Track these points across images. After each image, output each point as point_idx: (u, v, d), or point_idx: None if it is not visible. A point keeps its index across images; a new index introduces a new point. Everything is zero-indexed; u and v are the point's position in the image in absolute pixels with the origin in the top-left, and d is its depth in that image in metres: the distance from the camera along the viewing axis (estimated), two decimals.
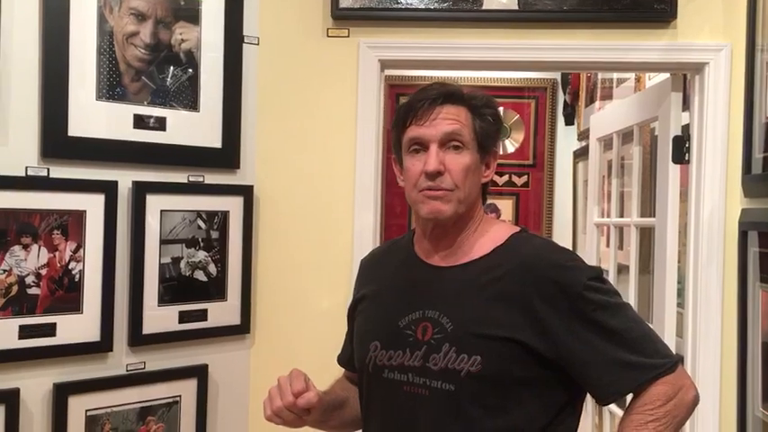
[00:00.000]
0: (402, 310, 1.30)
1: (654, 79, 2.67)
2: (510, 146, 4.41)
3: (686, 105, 2.26)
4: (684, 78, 2.27)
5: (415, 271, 1.35)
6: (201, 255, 2.06)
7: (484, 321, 1.22)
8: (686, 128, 2.24)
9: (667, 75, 2.31)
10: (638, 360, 1.20)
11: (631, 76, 3.03)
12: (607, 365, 1.20)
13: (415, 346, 1.26)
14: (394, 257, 1.44)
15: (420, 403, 1.24)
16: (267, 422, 2.14)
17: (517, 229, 1.35)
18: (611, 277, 2.70)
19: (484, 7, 2.16)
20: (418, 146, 1.28)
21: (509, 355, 1.20)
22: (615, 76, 3.29)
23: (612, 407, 2.65)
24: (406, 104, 1.31)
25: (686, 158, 2.21)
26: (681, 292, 2.27)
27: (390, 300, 1.36)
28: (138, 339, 1.93)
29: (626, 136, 2.69)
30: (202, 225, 2.06)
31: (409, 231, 1.47)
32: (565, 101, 4.23)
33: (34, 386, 1.78)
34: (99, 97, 1.87)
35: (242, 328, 2.13)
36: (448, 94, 1.28)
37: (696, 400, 1.24)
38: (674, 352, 2.17)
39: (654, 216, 2.42)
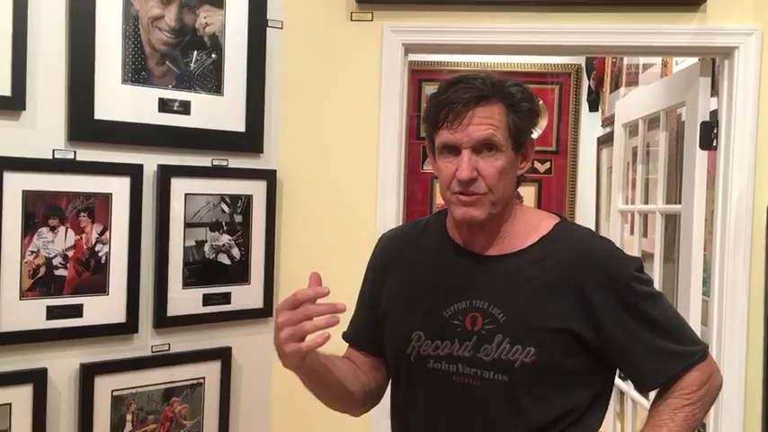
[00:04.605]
0: (446, 300, 1.27)
1: (681, 64, 2.63)
2: (533, 132, 4.37)
3: (714, 90, 2.22)
4: (713, 63, 2.23)
5: (457, 259, 1.31)
6: (225, 238, 2.07)
7: (537, 313, 1.23)
8: (714, 113, 2.20)
9: (695, 59, 2.28)
10: (677, 348, 1.25)
11: (657, 61, 2.99)
12: (650, 354, 1.24)
13: (464, 336, 1.25)
14: (424, 241, 1.38)
15: (470, 393, 1.24)
16: (289, 405, 2.17)
17: (556, 217, 1.34)
18: None
19: None
20: (451, 149, 1.23)
21: (561, 346, 1.22)
22: (641, 61, 3.25)
23: (635, 395, 2.63)
24: (438, 103, 1.22)
25: (714, 145, 2.18)
26: (706, 281, 2.25)
27: (430, 287, 1.31)
28: (162, 321, 1.95)
29: (652, 122, 2.65)
30: (226, 209, 2.07)
31: (435, 214, 1.42)
32: (589, 87, 4.18)
33: (61, 366, 1.81)
34: (124, 81, 1.88)
35: (265, 312, 2.15)
36: (481, 96, 1.20)
37: (721, 385, 1.30)
38: None
39: (680, 203, 2.39)
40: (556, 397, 1.23)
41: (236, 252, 2.09)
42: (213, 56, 2.03)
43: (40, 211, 1.76)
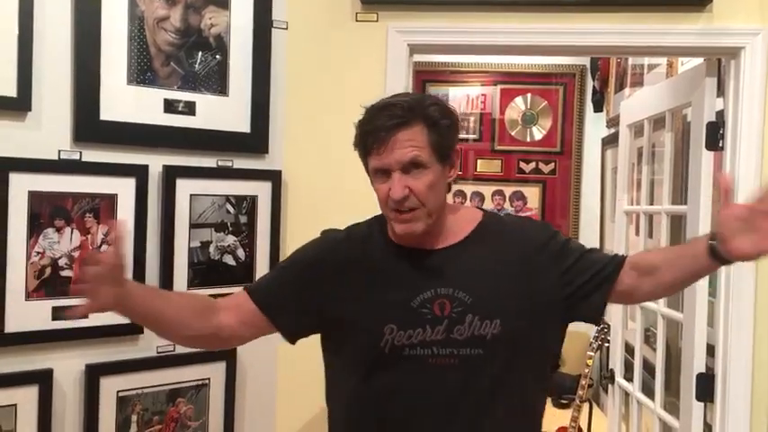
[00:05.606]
0: (410, 292, 1.38)
1: (686, 65, 2.62)
2: (537, 133, 4.37)
3: (720, 91, 2.22)
4: (719, 63, 2.22)
5: (410, 255, 1.42)
6: (230, 239, 2.07)
7: (497, 286, 1.39)
8: (720, 114, 2.19)
9: (701, 59, 2.27)
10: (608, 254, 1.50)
11: (663, 61, 2.98)
12: (595, 272, 1.42)
13: (435, 322, 1.36)
14: (372, 244, 1.47)
15: (449, 371, 1.35)
16: (294, 406, 2.17)
17: (478, 210, 1.52)
18: None
19: None
20: (383, 172, 1.35)
21: (524, 312, 1.37)
22: (646, 61, 3.24)
23: (641, 396, 2.63)
24: (364, 131, 1.37)
25: (720, 145, 2.17)
26: (712, 282, 2.24)
27: (391, 283, 1.41)
28: None
29: (657, 122, 2.64)
30: (231, 209, 2.07)
31: (372, 220, 1.51)
32: (594, 87, 4.18)
33: (67, 367, 1.81)
34: (130, 82, 1.88)
35: None
36: (402, 121, 1.32)
37: None
38: (705, 343, 2.16)
39: (685, 204, 2.38)
40: (525, 361, 1.38)
41: (240, 253, 2.09)
42: (218, 56, 2.03)
43: (45, 211, 1.76)
